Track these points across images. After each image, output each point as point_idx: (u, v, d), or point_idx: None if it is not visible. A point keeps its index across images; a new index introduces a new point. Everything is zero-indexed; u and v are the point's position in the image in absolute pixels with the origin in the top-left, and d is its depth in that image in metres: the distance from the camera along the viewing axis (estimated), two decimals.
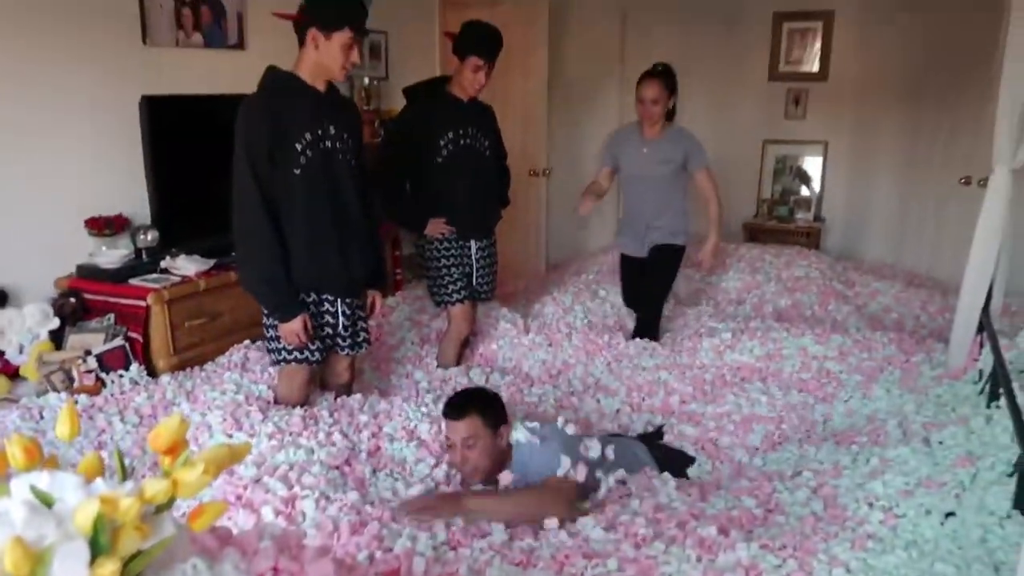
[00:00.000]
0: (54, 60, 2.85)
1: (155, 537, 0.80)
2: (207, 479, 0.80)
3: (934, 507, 1.83)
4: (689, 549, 1.75)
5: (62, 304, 2.82)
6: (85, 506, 0.72)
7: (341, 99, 2.50)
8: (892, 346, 3.12)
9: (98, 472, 0.88)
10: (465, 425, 2.17)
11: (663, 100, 3.46)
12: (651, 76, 3.49)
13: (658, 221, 3.59)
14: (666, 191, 3.58)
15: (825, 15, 5.38)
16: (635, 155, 3.58)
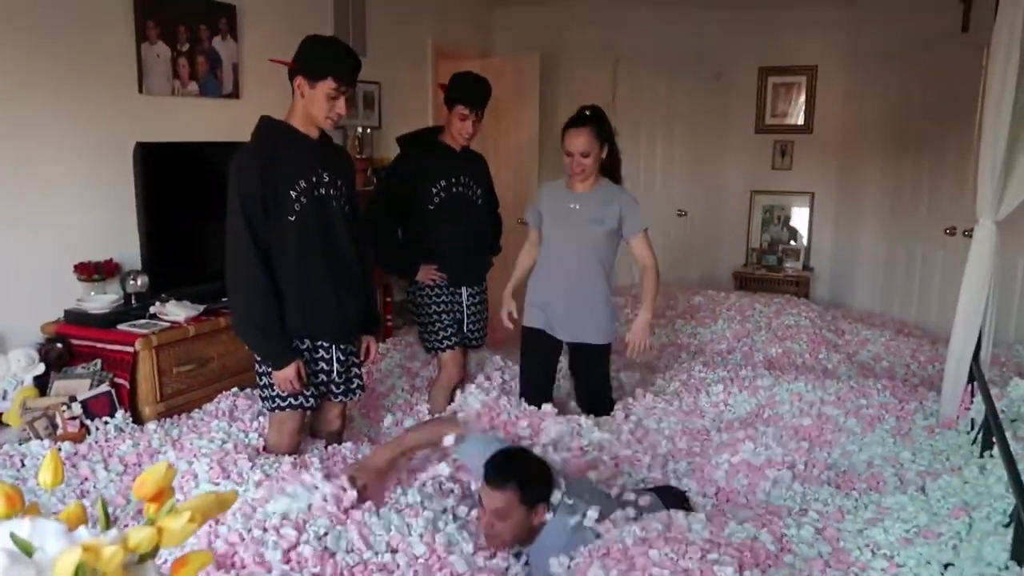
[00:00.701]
0: (50, 105, 2.88)
1: None
2: (193, 527, 0.78)
3: (933, 557, 1.80)
4: None
5: (48, 349, 2.79)
6: (67, 555, 0.70)
7: (334, 146, 2.53)
8: (887, 392, 3.11)
9: (81, 520, 0.85)
10: (502, 497, 2.02)
11: (595, 151, 2.92)
12: (578, 124, 2.94)
13: (578, 310, 3.02)
14: (591, 263, 3.00)
15: (808, 70, 5.52)
16: (561, 211, 3.03)
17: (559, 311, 3.03)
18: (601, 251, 3.01)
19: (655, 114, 5.90)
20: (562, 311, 3.02)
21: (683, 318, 4.69)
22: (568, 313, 3.02)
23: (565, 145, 2.95)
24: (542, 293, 3.07)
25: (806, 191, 5.70)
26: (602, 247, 3.00)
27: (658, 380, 3.65)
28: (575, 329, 3.05)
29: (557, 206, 3.04)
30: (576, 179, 2.99)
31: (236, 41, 3.61)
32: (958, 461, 2.25)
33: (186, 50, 3.35)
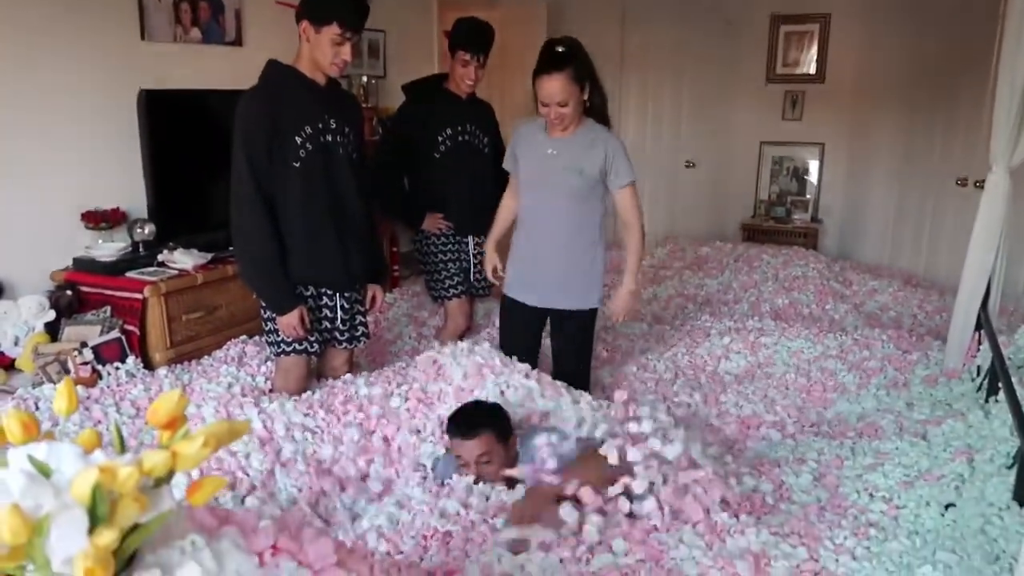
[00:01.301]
0: (53, 56, 2.84)
1: (153, 510, 0.80)
2: (206, 452, 0.80)
3: (933, 498, 1.83)
4: (697, 537, 1.74)
5: (58, 296, 2.81)
6: (84, 475, 0.72)
7: (342, 93, 2.50)
8: (891, 344, 3.12)
9: (96, 446, 0.87)
10: (478, 443, 2.02)
11: (575, 96, 2.42)
12: (551, 68, 2.38)
13: (561, 273, 2.61)
14: (573, 218, 2.57)
15: (822, 17, 5.40)
16: (537, 158, 2.58)
17: (541, 273, 2.64)
18: (586, 204, 2.56)
19: (663, 64, 5.80)
20: (544, 273, 2.63)
21: (690, 269, 4.69)
22: (551, 276, 2.63)
23: (539, 94, 2.43)
24: (523, 253, 2.68)
25: (816, 142, 5.62)
26: (587, 199, 2.55)
27: (667, 331, 3.66)
28: (557, 294, 2.65)
29: (532, 152, 2.58)
30: (555, 130, 2.53)
31: None
32: (961, 408, 2.26)
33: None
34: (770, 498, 2.03)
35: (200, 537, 0.89)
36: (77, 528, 0.70)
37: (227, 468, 2.08)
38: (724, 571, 1.62)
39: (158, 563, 0.85)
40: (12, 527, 0.67)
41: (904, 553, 1.66)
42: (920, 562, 1.62)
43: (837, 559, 1.64)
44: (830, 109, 5.52)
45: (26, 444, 0.81)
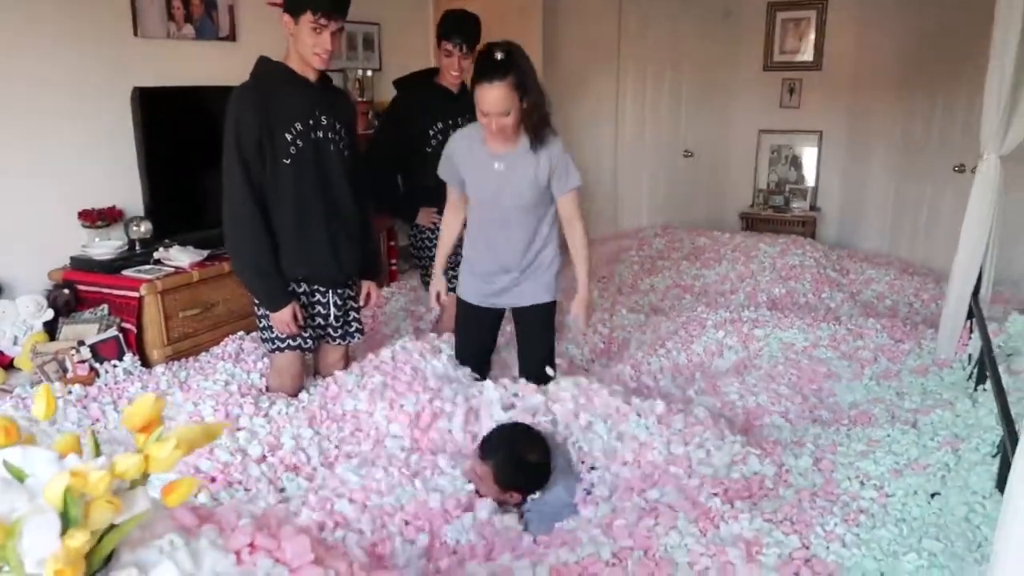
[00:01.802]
0: (45, 52, 2.86)
1: (128, 511, 0.82)
2: (178, 454, 0.82)
3: (921, 487, 1.85)
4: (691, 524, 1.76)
5: (56, 296, 2.84)
6: (56, 480, 0.74)
7: (333, 89, 2.51)
8: (884, 333, 3.13)
9: (74, 450, 0.89)
10: (480, 467, 2.09)
11: (516, 106, 2.30)
12: (491, 77, 2.25)
13: (520, 277, 2.56)
14: (531, 224, 2.51)
15: (819, 3, 5.37)
16: (485, 175, 2.48)
17: (500, 280, 2.58)
18: (539, 208, 2.51)
19: (662, 53, 5.78)
20: (503, 279, 2.58)
21: (688, 260, 4.69)
22: (510, 280, 2.58)
23: (479, 104, 2.31)
24: (482, 264, 2.61)
25: (814, 130, 5.61)
26: (539, 204, 2.50)
27: (663, 323, 3.67)
28: (518, 295, 2.60)
29: (479, 169, 2.49)
30: (496, 141, 2.44)
31: None
32: (950, 397, 2.27)
33: None
34: (770, 482, 2.03)
35: (178, 536, 0.92)
36: (49, 530, 0.72)
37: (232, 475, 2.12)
38: (716, 559, 1.64)
39: (136, 562, 0.87)
40: None
41: (892, 541, 1.68)
42: (906, 550, 1.64)
43: (828, 546, 1.67)
44: (828, 96, 5.50)
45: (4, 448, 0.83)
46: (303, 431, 2.30)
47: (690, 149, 5.99)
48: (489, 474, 2.07)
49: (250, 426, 2.34)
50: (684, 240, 5.02)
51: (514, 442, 2.14)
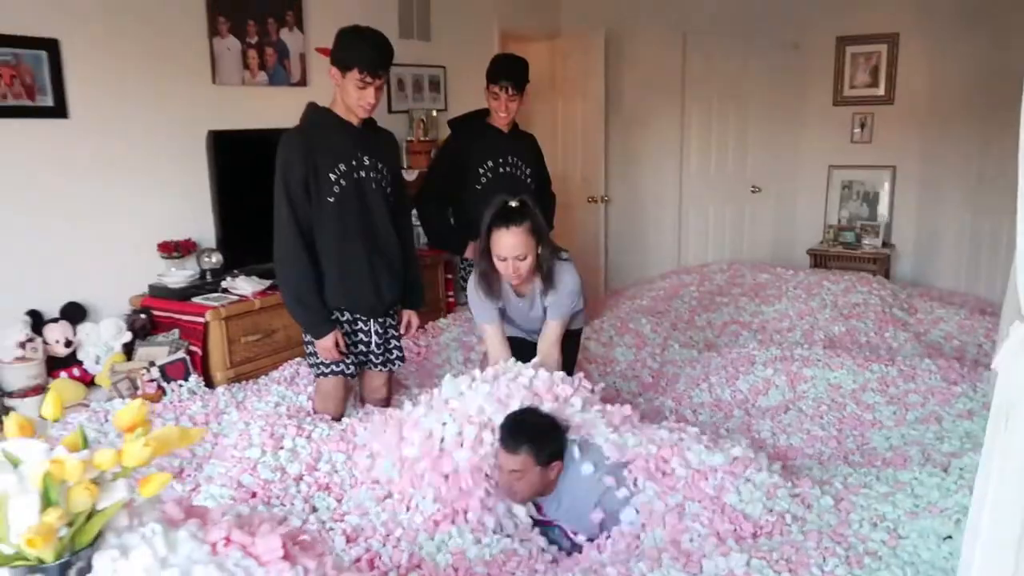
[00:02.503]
0: (136, 100, 3.18)
1: (108, 499, 0.95)
2: (148, 452, 0.95)
3: (934, 530, 1.81)
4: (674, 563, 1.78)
5: (134, 320, 3.11)
6: (38, 465, 0.88)
7: (378, 131, 2.68)
8: (937, 375, 3.03)
9: (76, 446, 1.04)
10: (517, 460, 2.10)
11: (532, 250, 2.49)
12: (509, 223, 2.45)
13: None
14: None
15: (889, 38, 5.28)
16: (512, 308, 2.75)
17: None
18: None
19: (727, 89, 5.79)
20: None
21: (747, 296, 4.64)
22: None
23: (497, 248, 2.48)
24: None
25: (887, 165, 5.47)
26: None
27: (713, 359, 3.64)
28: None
29: (508, 303, 2.73)
30: (514, 284, 2.62)
31: (303, 32, 3.83)
32: None
33: (255, 42, 3.59)
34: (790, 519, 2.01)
35: (160, 526, 1.05)
36: (30, 507, 0.86)
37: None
38: None
39: (119, 545, 1.00)
40: None
41: None
42: None
43: None
44: (901, 130, 5.37)
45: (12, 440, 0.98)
46: (336, 456, 2.43)
47: (757, 184, 5.94)
48: (527, 459, 2.08)
49: (293, 446, 2.49)
50: (746, 276, 4.97)
51: (530, 416, 2.19)
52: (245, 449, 2.42)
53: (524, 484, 2.14)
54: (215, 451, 2.54)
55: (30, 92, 2.85)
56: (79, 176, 3.04)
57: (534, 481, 2.14)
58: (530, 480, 2.14)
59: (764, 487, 2.08)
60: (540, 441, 2.13)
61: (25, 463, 0.91)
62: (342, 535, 2.07)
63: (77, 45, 2.97)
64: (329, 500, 2.28)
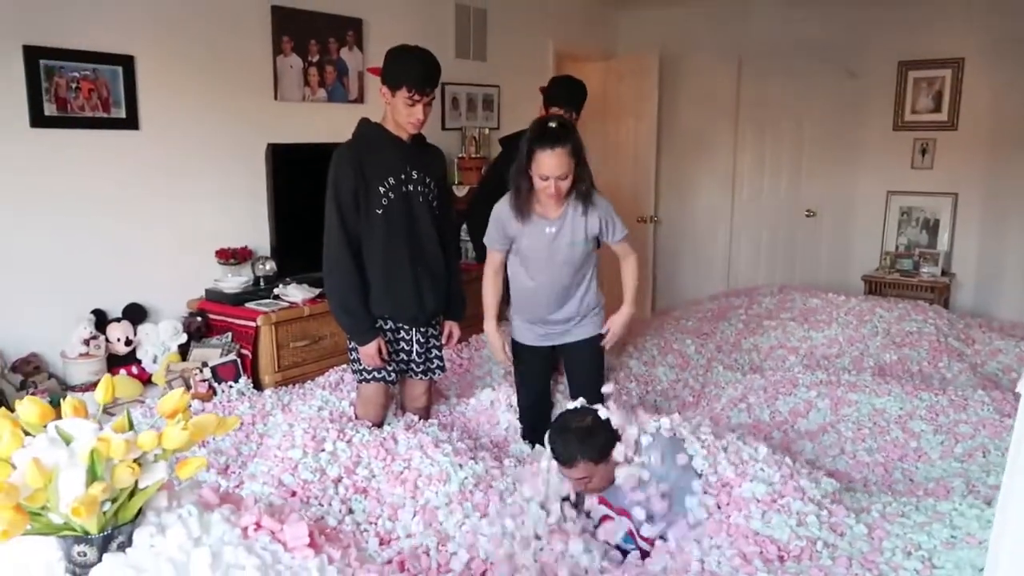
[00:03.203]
0: (202, 114, 3.35)
1: (148, 478, 1.02)
2: (186, 435, 1.02)
3: (971, 562, 1.76)
4: None
5: (190, 322, 3.25)
6: (87, 442, 0.95)
7: (426, 146, 2.76)
8: (991, 407, 2.94)
9: (123, 428, 1.11)
10: (577, 470, 2.15)
11: (573, 171, 2.58)
12: (554, 144, 2.53)
13: (570, 319, 2.84)
14: (578, 276, 2.79)
15: (954, 63, 5.17)
16: (537, 237, 2.74)
17: (551, 326, 2.86)
18: (585, 260, 2.78)
19: (782, 113, 5.75)
20: (554, 323, 2.85)
21: (796, 321, 4.57)
22: (561, 325, 2.86)
23: (539, 168, 2.56)
24: (531, 313, 2.87)
25: (949, 192, 5.34)
26: (586, 256, 2.78)
27: (756, 380, 3.61)
28: (569, 333, 2.87)
29: (532, 234, 2.73)
30: (547, 206, 2.70)
31: (362, 51, 3.97)
32: None
33: (316, 61, 3.74)
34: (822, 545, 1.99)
35: (197, 508, 1.12)
36: (77, 480, 0.93)
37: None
38: None
39: (159, 523, 1.07)
40: (31, 474, 0.91)
41: None
42: None
43: None
44: (964, 157, 5.24)
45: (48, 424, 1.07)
46: (374, 463, 2.49)
47: (812, 209, 5.85)
48: (587, 465, 2.13)
49: (333, 449, 2.57)
50: (796, 300, 4.89)
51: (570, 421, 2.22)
52: (288, 450, 2.51)
53: (595, 483, 2.19)
54: (259, 451, 2.63)
55: (105, 105, 3.03)
56: (146, 185, 3.21)
57: (602, 475, 2.18)
58: (599, 477, 2.18)
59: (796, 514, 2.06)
60: (590, 443, 2.15)
61: (76, 440, 0.98)
62: (375, 536, 2.13)
63: (150, 62, 3.15)
64: (365, 503, 2.34)
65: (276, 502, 1.80)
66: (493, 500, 2.29)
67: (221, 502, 1.19)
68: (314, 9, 3.71)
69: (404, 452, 2.49)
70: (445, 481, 2.33)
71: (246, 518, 1.15)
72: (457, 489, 2.30)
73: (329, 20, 3.79)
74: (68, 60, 2.90)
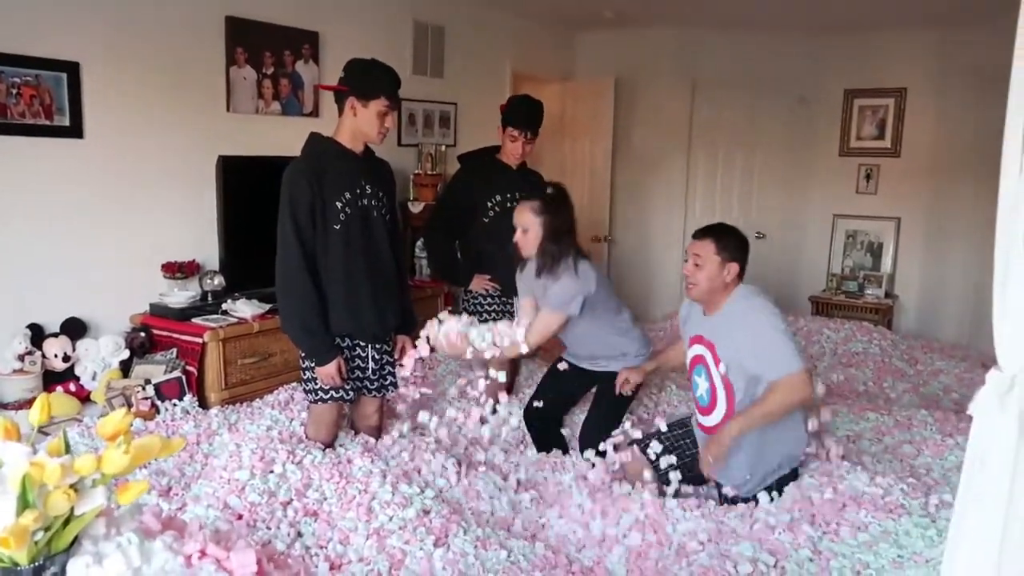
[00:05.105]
0: (151, 124, 3.26)
1: (86, 504, 0.97)
2: (127, 460, 0.96)
3: None
4: None
5: (133, 337, 3.14)
6: (18, 468, 0.89)
7: (377, 160, 2.73)
8: (934, 427, 3.02)
9: (59, 451, 1.05)
10: (700, 246, 2.43)
11: (534, 227, 2.83)
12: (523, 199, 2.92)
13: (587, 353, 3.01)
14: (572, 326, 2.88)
15: (897, 92, 5.36)
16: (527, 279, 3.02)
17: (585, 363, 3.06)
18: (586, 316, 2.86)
19: (734, 137, 5.87)
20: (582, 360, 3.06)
21: None
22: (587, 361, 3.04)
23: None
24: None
25: (892, 216, 5.51)
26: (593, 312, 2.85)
27: None
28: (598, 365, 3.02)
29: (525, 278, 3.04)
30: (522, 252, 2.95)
31: (318, 65, 3.92)
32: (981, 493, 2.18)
33: (271, 73, 3.68)
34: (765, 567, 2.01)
35: (137, 536, 1.06)
36: (7, 508, 0.88)
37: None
38: None
39: (95, 552, 1.01)
40: None
41: None
42: None
43: None
44: (906, 183, 5.43)
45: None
46: (326, 486, 2.41)
47: (762, 231, 5.97)
48: (709, 245, 2.41)
49: (283, 472, 2.49)
50: None
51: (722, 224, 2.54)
52: (234, 471, 2.42)
53: (703, 275, 2.40)
54: (204, 471, 2.54)
55: (48, 112, 2.93)
56: (89, 195, 3.10)
57: (712, 273, 2.40)
58: (708, 272, 2.40)
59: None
60: (724, 234, 2.44)
61: (6, 464, 0.92)
62: (325, 561, 2.06)
63: (97, 68, 3.06)
64: (315, 526, 2.27)
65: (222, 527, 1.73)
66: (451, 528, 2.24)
67: (163, 528, 1.13)
68: (270, 21, 3.66)
69: (360, 476, 2.42)
70: (404, 506, 2.27)
71: (190, 545, 1.10)
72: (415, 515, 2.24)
73: (285, 32, 3.74)
74: (9, 65, 2.80)
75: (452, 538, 2.17)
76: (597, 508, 2.40)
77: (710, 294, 2.45)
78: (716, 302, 2.47)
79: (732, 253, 2.41)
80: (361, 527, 2.18)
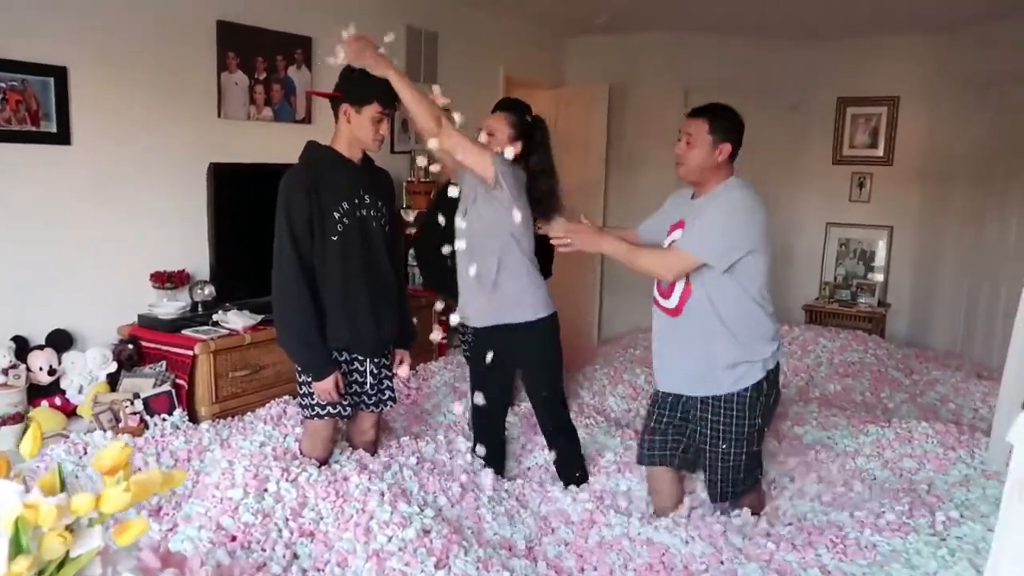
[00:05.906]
0: (140, 130, 3.18)
1: (82, 546, 0.90)
2: (127, 497, 0.90)
3: None
4: None
5: (120, 350, 3.06)
6: (11, 509, 0.83)
7: (376, 169, 2.67)
8: (935, 439, 2.99)
9: (52, 487, 0.99)
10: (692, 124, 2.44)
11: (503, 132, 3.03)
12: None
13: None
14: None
15: (890, 101, 5.36)
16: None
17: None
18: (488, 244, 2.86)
19: None
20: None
21: None
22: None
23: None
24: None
25: (885, 224, 5.51)
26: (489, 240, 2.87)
27: None
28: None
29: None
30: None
31: (311, 70, 3.86)
32: (988, 511, 2.15)
33: (263, 79, 3.61)
34: None
35: (135, 575, 0.99)
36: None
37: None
38: None
39: None
40: None
41: None
42: None
43: None
44: (899, 191, 5.43)
45: None
46: (322, 505, 2.35)
47: None
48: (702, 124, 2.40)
49: (277, 490, 2.42)
50: None
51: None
52: (227, 489, 2.35)
53: (693, 155, 2.38)
54: (196, 490, 2.46)
55: (34, 118, 2.85)
56: (76, 203, 3.02)
57: (702, 153, 2.37)
58: (699, 152, 2.37)
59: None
60: (718, 114, 2.41)
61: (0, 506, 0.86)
62: None
63: (85, 74, 2.98)
64: (312, 547, 2.20)
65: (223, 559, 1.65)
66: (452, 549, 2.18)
67: (163, 566, 1.07)
68: (262, 26, 3.59)
69: (357, 494, 2.35)
70: (403, 526, 2.21)
71: None
72: (414, 536, 2.18)
73: (277, 37, 3.67)
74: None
75: (453, 559, 2.11)
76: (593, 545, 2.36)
77: (700, 174, 2.42)
78: (706, 183, 2.44)
79: (724, 134, 2.39)
80: (360, 548, 2.12)
